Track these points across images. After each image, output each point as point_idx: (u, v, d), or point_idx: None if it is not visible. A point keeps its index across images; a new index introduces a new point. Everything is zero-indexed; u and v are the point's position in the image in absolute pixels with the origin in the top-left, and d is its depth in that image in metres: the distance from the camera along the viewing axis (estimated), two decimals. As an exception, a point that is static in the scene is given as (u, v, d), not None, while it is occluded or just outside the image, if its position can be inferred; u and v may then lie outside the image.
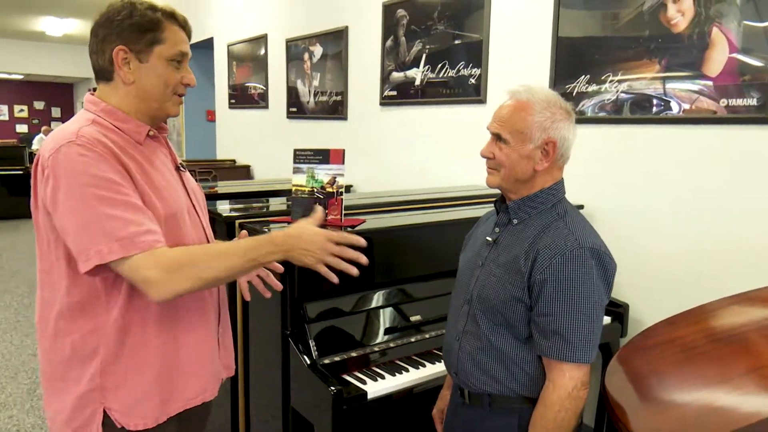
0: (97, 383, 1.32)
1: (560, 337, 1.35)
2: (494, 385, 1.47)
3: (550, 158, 1.42)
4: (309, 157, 2.19)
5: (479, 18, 3.21)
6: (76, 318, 1.30)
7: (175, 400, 1.41)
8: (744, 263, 2.28)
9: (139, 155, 1.34)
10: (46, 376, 1.38)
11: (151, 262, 1.20)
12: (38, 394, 3.46)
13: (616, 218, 2.65)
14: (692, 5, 2.33)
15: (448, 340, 1.60)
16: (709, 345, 1.69)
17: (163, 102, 1.38)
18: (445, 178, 3.52)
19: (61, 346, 1.33)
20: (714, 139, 2.34)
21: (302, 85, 4.85)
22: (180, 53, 1.36)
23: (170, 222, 1.34)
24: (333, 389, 1.77)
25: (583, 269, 1.35)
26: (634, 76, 2.54)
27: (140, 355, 1.34)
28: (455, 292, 1.64)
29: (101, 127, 1.31)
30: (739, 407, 1.32)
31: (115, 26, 1.32)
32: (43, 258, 1.33)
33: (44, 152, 1.25)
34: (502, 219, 1.52)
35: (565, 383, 1.36)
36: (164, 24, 1.34)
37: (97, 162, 1.22)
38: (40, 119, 17.26)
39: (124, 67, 1.33)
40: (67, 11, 11.02)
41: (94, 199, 1.19)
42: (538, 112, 1.40)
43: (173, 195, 1.39)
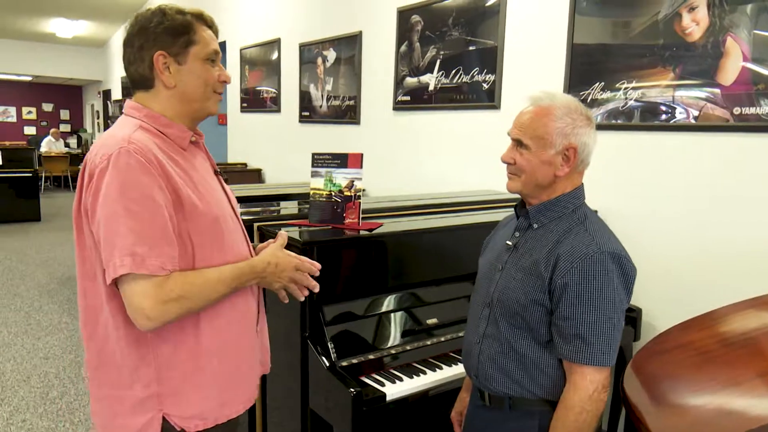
0: (153, 390, 1.32)
1: (581, 340, 1.37)
2: (515, 387, 1.49)
3: (570, 164, 1.44)
4: (327, 161, 2.22)
5: (494, 24, 3.24)
6: (124, 324, 1.29)
7: (234, 403, 1.43)
8: (756, 269, 2.29)
9: (183, 161, 1.36)
10: (94, 383, 1.38)
11: (150, 289, 1.20)
12: (51, 397, 3.49)
13: (630, 223, 2.67)
14: (707, 15, 2.35)
15: (468, 343, 1.62)
16: (723, 349, 1.71)
17: (204, 101, 1.40)
18: (458, 184, 3.55)
19: (110, 353, 1.32)
20: (727, 146, 2.36)
21: (315, 89, 4.89)
22: (213, 51, 1.39)
23: (215, 227, 1.36)
24: (353, 391, 1.80)
25: (604, 273, 1.37)
26: (648, 84, 2.57)
27: (196, 359, 1.34)
28: (475, 296, 1.65)
29: (148, 132, 1.33)
30: (751, 409, 1.34)
31: (150, 33, 1.33)
32: (86, 263, 1.33)
33: (95, 158, 1.26)
34: (523, 223, 1.54)
35: (586, 386, 1.38)
36: (195, 25, 1.36)
37: (141, 174, 1.22)
38: (48, 121, 17.34)
39: (165, 72, 1.35)
40: (78, 13, 11.11)
41: (124, 211, 1.20)
42: (559, 118, 1.42)
43: (217, 200, 1.41)
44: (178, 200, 1.28)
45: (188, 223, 1.30)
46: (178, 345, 1.32)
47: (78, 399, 3.47)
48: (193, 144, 1.44)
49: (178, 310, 1.24)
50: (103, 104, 14.91)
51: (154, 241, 1.21)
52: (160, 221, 1.23)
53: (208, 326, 1.35)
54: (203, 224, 1.32)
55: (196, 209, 1.31)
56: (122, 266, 1.19)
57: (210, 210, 1.35)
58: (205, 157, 1.50)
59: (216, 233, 1.36)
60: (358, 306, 2.11)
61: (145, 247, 1.20)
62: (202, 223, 1.32)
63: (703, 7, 2.36)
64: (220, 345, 1.38)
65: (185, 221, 1.29)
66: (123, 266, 1.19)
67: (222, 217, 1.39)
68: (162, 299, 1.21)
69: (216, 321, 1.37)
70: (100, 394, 1.37)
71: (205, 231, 1.33)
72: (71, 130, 17.48)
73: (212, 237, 1.34)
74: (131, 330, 1.29)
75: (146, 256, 1.20)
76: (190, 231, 1.30)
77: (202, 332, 1.35)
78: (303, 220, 2.28)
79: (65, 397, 3.49)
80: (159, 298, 1.21)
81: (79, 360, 4.03)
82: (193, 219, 1.30)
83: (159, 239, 1.22)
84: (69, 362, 4.00)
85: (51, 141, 14.09)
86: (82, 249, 1.34)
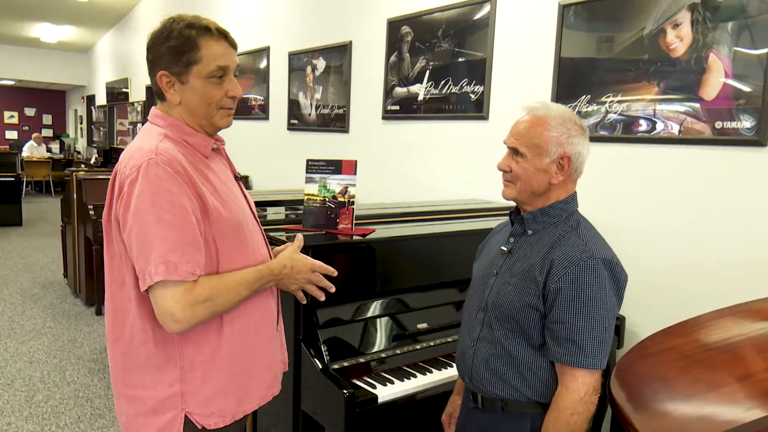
0: (177, 389, 1.36)
1: (573, 343, 1.41)
2: (508, 390, 1.52)
3: (565, 172, 1.49)
4: (321, 167, 2.26)
5: (483, 37, 3.30)
6: (151, 327, 1.34)
7: (249, 400, 1.47)
8: (736, 277, 2.36)
9: (206, 169, 1.40)
10: (119, 383, 1.41)
11: (180, 294, 1.25)
12: (36, 401, 3.46)
13: (613, 234, 2.71)
14: (690, 31, 2.43)
15: (462, 346, 1.65)
16: (705, 353, 1.76)
17: (210, 118, 1.42)
18: (446, 192, 3.60)
19: (136, 354, 1.36)
20: (708, 160, 2.43)
21: (304, 97, 4.93)
22: (218, 68, 1.37)
23: (238, 233, 1.40)
24: (346, 392, 1.82)
25: (597, 279, 1.41)
26: (633, 98, 2.64)
27: (216, 359, 1.38)
28: (469, 300, 1.69)
29: (173, 141, 1.36)
30: (728, 413, 1.39)
31: (156, 51, 1.37)
32: (114, 270, 1.37)
33: (125, 169, 1.30)
34: (517, 229, 1.58)
35: (577, 388, 1.42)
36: (199, 42, 1.35)
37: (170, 184, 1.27)
38: (30, 126, 17.15)
39: (169, 90, 1.38)
40: (63, 18, 11.05)
41: (156, 220, 1.24)
42: (554, 128, 1.47)
43: (239, 206, 1.45)
44: (204, 207, 1.32)
45: (213, 229, 1.34)
46: (201, 345, 1.37)
47: (63, 402, 3.45)
48: (214, 151, 1.48)
49: (205, 313, 1.30)
50: (87, 109, 14.79)
51: (184, 248, 1.26)
52: (190, 228, 1.27)
53: (229, 327, 1.40)
54: (227, 229, 1.37)
55: (220, 215, 1.35)
56: (157, 273, 1.23)
57: (233, 216, 1.39)
58: (225, 163, 1.54)
59: (239, 238, 1.40)
60: (350, 310, 2.14)
61: (177, 254, 1.24)
62: (226, 228, 1.36)
63: (687, 23, 2.44)
64: (240, 345, 1.42)
65: (210, 227, 1.34)
66: (158, 273, 1.23)
67: (244, 222, 1.43)
68: (191, 303, 1.26)
69: (237, 322, 1.41)
70: (124, 393, 1.41)
71: (228, 236, 1.37)
72: (53, 135, 17.30)
73: (235, 241, 1.39)
74: (159, 332, 1.34)
75: (178, 262, 1.24)
76: (214, 236, 1.35)
77: (224, 333, 1.39)
78: (297, 225, 2.31)
79: (50, 401, 3.47)
80: (188, 302, 1.26)
81: (63, 364, 4.01)
82: (218, 225, 1.35)
83: (189, 246, 1.27)
84: (53, 366, 3.97)
85: (33, 146, 13.94)
86: (112, 256, 1.37)
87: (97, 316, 5.06)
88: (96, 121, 13.78)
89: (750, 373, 1.56)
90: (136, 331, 1.35)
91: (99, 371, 3.93)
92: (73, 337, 4.55)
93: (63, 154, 15.53)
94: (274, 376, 1.57)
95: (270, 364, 1.54)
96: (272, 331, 1.54)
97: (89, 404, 3.46)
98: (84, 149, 15.30)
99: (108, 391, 3.63)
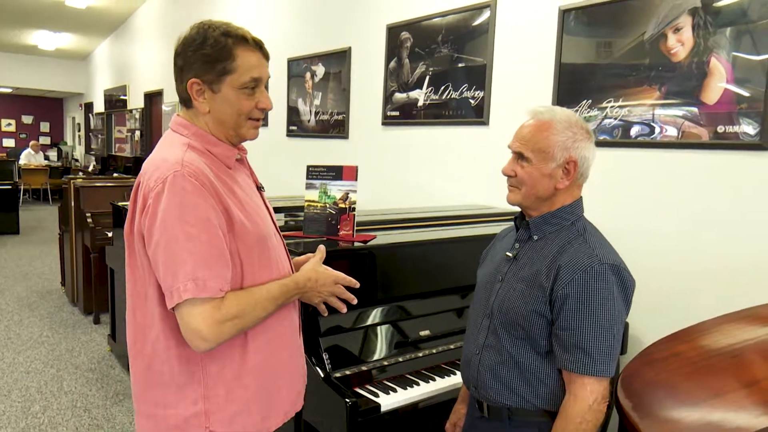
0: (200, 408, 1.31)
1: (581, 350, 1.39)
2: (514, 398, 1.50)
3: (571, 177, 1.47)
4: (322, 173, 2.25)
5: (483, 42, 3.30)
6: (175, 344, 1.30)
7: (274, 417, 1.43)
8: (739, 282, 2.34)
9: (230, 180, 1.36)
10: (140, 400, 1.37)
11: (208, 311, 1.21)
12: (33, 412, 3.43)
13: (615, 239, 2.69)
14: (692, 36, 2.43)
15: (467, 353, 1.63)
16: (710, 360, 1.74)
17: (238, 129, 1.38)
18: (447, 198, 3.58)
19: (158, 371, 1.32)
20: (710, 164, 2.42)
21: (303, 103, 4.92)
22: (251, 80, 1.34)
23: (262, 245, 1.36)
24: (348, 401, 1.80)
25: (605, 285, 1.39)
26: (634, 102, 2.63)
27: (241, 375, 1.35)
28: (474, 307, 1.67)
29: (197, 152, 1.33)
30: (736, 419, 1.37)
31: (188, 57, 1.32)
32: (137, 283, 1.34)
33: (149, 181, 1.26)
34: (523, 235, 1.56)
35: (586, 396, 1.39)
36: (235, 51, 1.32)
37: (197, 197, 1.23)
38: (28, 134, 17.13)
39: (199, 98, 1.34)
40: (61, 25, 11.06)
41: (183, 236, 1.21)
42: (560, 132, 1.45)
43: (263, 218, 1.41)
44: (230, 220, 1.29)
45: (238, 242, 1.31)
46: (225, 362, 1.33)
47: (60, 413, 3.42)
48: (237, 161, 1.44)
49: (232, 330, 1.26)
50: (85, 117, 14.77)
51: (212, 264, 1.22)
52: (217, 243, 1.24)
53: (254, 343, 1.36)
54: (251, 243, 1.33)
55: (245, 228, 1.32)
56: (186, 291, 1.20)
57: (258, 229, 1.36)
58: (248, 173, 1.51)
59: (263, 251, 1.37)
60: (352, 317, 2.12)
61: (206, 270, 1.21)
62: (251, 241, 1.33)
63: (688, 28, 2.43)
64: (265, 361, 1.39)
65: (235, 240, 1.30)
66: (186, 291, 1.20)
67: (268, 235, 1.40)
68: (219, 320, 1.23)
69: (261, 337, 1.38)
70: (145, 411, 1.37)
71: (253, 249, 1.34)
72: (51, 142, 17.29)
73: (259, 255, 1.35)
74: (183, 350, 1.30)
75: (207, 279, 1.21)
76: (239, 250, 1.31)
77: (248, 349, 1.36)
78: (297, 232, 2.29)
79: (47, 412, 3.43)
80: (216, 320, 1.22)
81: (60, 374, 3.97)
82: (242, 238, 1.31)
83: (217, 261, 1.24)
84: (51, 376, 3.94)
85: (30, 153, 13.92)
86: (134, 270, 1.34)
87: (95, 325, 5.02)
88: (94, 128, 13.77)
89: (756, 380, 1.55)
90: (159, 347, 1.31)
91: (97, 381, 3.89)
92: (70, 347, 4.51)
93: (61, 161, 15.50)
94: (298, 391, 1.53)
95: (294, 379, 1.50)
96: (296, 345, 1.51)
97: (87, 414, 3.42)
98: (82, 157, 15.27)
99: (106, 401, 3.60)
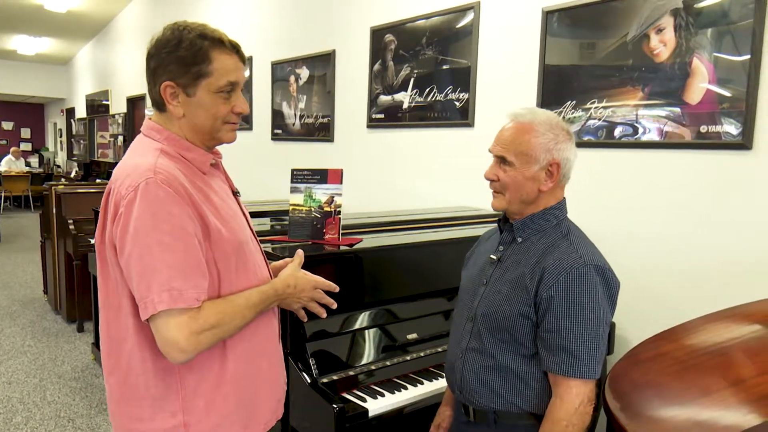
0: (179, 420, 1.28)
1: (567, 352, 1.38)
2: (499, 401, 1.49)
3: (554, 179, 1.46)
4: (307, 177, 2.23)
5: (467, 44, 3.30)
6: (151, 357, 1.27)
7: (255, 425, 1.40)
8: (724, 280, 2.35)
9: (204, 186, 1.32)
10: (116, 415, 1.34)
11: (185, 322, 1.18)
12: (15, 423, 3.37)
13: (601, 240, 2.69)
14: (674, 37, 2.44)
15: (451, 357, 1.62)
16: (697, 359, 1.75)
17: (214, 133, 1.35)
18: (432, 200, 3.57)
19: (134, 384, 1.29)
20: (693, 164, 2.43)
21: (288, 107, 4.89)
22: (228, 84, 1.31)
23: (239, 252, 1.33)
24: (335, 407, 1.78)
25: (589, 286, 1.38)
26: (618, 103, 2.64)
27: (220, 386, 1.32)
28: (458, 310, 1.66)
29: (170, 157, 1.29)
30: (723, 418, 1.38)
31: (162, 59, 1.28)
32: (110, 294, 1.30)
33: (121, 189, 1.22)
34: (507, 238, 1.56)
35: (572, 399, 1.38)
36: (212, 54, 1.29)
37: (171, 205, 1.20)
38: (8, 140, 16.91)
39: (173, 101, 1.30)
40: (41, 30, 10.93)
41: (157, 245, 1.17)
42: (542, 134, 1.44)
43: (239, 224, 1.38)
44: (206, 227, 1.25)
45: (214, 250, 1.27)
46: (203, 373, 1.30)
47: (44, 424, 3.36)
48: (212, 166, 1.40)
49: (210, 340, 1.23)
50: (67, 122, 14.62)
51: (187, 274, 1.19)
52: (193, 252, 1.21)
53: (232, 353, 1.33)
54: (228, 250, 1.30)
55: (221, 236, 1.28)
56: (160, 302, 1.16)
57: (235, 235, 1.32)
58: (223, 178, 1.47)
59: (240, 258, 1.34)
60: (338, 322, 2.10)
61: (181, 281, 1.18)
62: (228, 248, 1.30)
63: (670, 28, 2.44)
64: (244, 371, 1.36)
65: (211, 248, 1.27)
66: (161, 302, 1.16)
67: (245, 241, 1.37)
68: (196, 331, 1.19)
69: (240, 347, 1.35)
70: (123, 426, 1.33)
71: (230, 256, 1.31)
72: (32, 149, 17.08)
73: (237, 262, 1.32)
74: (159, 362, 1.26)
75: (183, 289, 1.18)
76: (216, 257, 1.28)
77: (227, 359, 1.33)
78: (283, 237, 2.27)
79: (30, 422, 3.38)
80: (193, 330, 1.19)
81: (43, 383, 3.91)
82: (219, 245, 1.28)
83: (193, 271, 1.20)
84: (33, 386, 3.87)
85: (11, 160, 13.75)
86: (106, 279, 1.30)
87: (78, 333, 4.95)
88: (76, 134, 13.62)
89: (743, 378, 1.55)
90: (135, 360, 1.27)
91: (81, 390, 3.83)
92: (53, 356, 4.44)
93: (42, 168, 15.30)
94: (278, 399, 1.51)
95: (274, 388, 1.48)
96: (276, 353, 1.48)
97: (71, 424, 3.37)
98: (64, 163, 15.10)
99: (90, 410, 3.54)
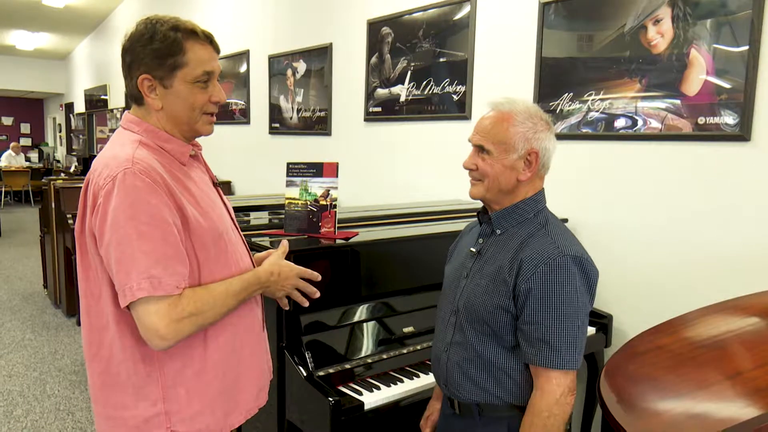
0: (161, 408, 1.30)
1: (546, 344, 1.38)
2: (482, 394, 1.49)
3: (532, 168, 1.45)
4: (302, 171, 2.22)
5: (464, 37, 3.28)
6: (131, 344, 1.28)
7: (236, 414, 1.42)
8: (722, 273, 2.35)
9: (183, 177, 1.34)
10: (99, 402, 1.35)
11: (165, 309, 1.20)
12: (15, 416, 3.38)
13: (599, 232, 2.72)
14: (671, 27, 2.43)
15: (436, 351, 1.62)
16: (693, 352, 1.75)
17: (193, 124, 1.36)
18: (429, 193, 3.57)
19: (116, 372, 1.30)
20: (691, 155, 2.42)
21: (285, 101, 4.88)
22: (204, 73, 1.32)
23: (219, 243, 1.35)
24: (331, 400, 1.78)
25: (567, 277, 1.37)
26: (615, 95, 2.63)
27: (201, 374, 1.33)
28: (441, 304, 1.66)
29: (149, 149, 1.30)
30: (720, 411, 1.38)
31: (137, 53, 1.29)
32: (90, 283, 1.31)
33: (99, 179, 1.23)
34: (486, 230, 1.55)
35: (552, 390, 1.38)
36: (186, 45, 1.30)
37: (149, 194, 1.21)
38: (8, 135, 16.91)
39: (150, 94, 1.32)
40: (39, 25, 10.90)
41: (136, 234, 1.18)
42: (520, 123, 1.43)
43: (219, 214, 1.39)
44: (184, 217, 1.27)
45: (193, 240, 1.29)
46: (185, 361, 1.31)
47: (44, 417, 3.37)
48: (192, 157, 1.42)
49: (191, 328, 1.24)
50: (66, 117, 14.60)
51: (167, 262, 1.20)
52: (172, 240, 1.22)
53: (214, 341, 1.35)
54: (208, 240, 1.31)
55: (200, 226, 1.30)
56: (140, 290, 1.18)
57: (214, 226, 1.34)
58: (203, 169, 1.48)
59: (219, 248, 1.35)
60: (334, 315, 2.10)
61: (160, 268, 1.19)
62: (207, 239, 1.31)
63: (667, 19, 2.43)
64: (226, 358, 1.38)
65: (190, 238, 1.28)
66: (141, 290, 1.17)
67: (225, 231, 1.38)
68: (176, 318, 1.21)
69: (222, 335, 1.36)
70: (105, 413, 1.34)
71: (209, 247, 1.32)
72: (32, 144, 17.08)
73: (216, 252, 1.34)
74: (139, 349, 1.28)
75: (162, 276, 1.19)
76: (195, 248, 1.29)
77: (208, 347, 1.34)
78: (279, 230, 2.27)
79: (30, 415, 3.39)
80: (173, 318, 1.20)
81: (43, 377, 3.92)
82: (198, 236, 1.29)
83: (172, 259, 1.21)
84: (33, 380, 3.89)
85: (11, 155, 13.76)
86: (86, 269, 1.31)
87: (78, 327, 4.96)
88: (75, 129, 13.61)
89: (740, 371, 1.55)
90: (116, 348, 1.29)
91: (81, 383, 3.85)
92: (53, 349, 4.46)
93: (42, 163, 15.31)
94: (261, 387, 1.52)
95: (256, 376, 1.49)
96: (258, 342, 1.50)
97: (71, 417, 3.38)
98: (63, 158, 15.10)
99: (90, 403, 3.55)
